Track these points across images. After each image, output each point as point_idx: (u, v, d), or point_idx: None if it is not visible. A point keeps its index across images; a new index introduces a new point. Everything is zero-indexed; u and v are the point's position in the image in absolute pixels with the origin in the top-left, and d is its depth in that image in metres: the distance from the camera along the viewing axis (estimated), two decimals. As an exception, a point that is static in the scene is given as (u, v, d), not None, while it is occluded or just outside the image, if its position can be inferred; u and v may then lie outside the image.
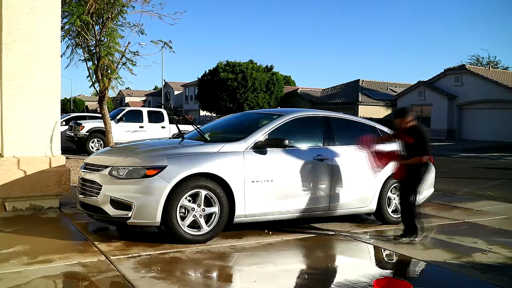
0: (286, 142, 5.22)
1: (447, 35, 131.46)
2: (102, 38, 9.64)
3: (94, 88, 10.13)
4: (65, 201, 6.60)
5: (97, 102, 11.61)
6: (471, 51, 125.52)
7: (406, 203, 5.35)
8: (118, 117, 16.17)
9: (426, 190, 6.64)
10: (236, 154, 5.06)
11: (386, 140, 5.79)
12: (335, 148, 5.77)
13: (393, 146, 5.64)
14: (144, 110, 17.26)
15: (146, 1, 10.21)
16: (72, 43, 10.16)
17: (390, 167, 5.80)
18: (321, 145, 5.77)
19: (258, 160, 5.15)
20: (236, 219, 5.04)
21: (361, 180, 5.88)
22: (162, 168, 4.66)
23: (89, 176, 5.01)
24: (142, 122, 16.68)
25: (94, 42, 9.74)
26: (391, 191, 6.16)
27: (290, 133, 5.56)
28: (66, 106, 71.31)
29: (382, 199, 6.05)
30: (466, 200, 8.38)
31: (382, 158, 5.52)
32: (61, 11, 6.92)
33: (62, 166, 6.44)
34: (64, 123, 17.43)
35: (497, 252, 4.96)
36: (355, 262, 4.63)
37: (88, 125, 15.66)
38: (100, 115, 12.45)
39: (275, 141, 5.25)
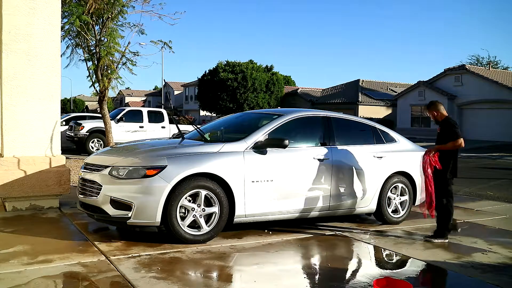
0: (286, 142, 5.21)
1: (447, 35, 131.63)
2: (102, 38, 9.64)
3: (94, 88, 10.13)
4: (65, 201, 6.60)
5: (97, 102, 11.62)
6: (471, 51, 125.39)
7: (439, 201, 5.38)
8: (118, 117, 16.16)
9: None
10: (236, 154, 5.06)
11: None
12: (335, 148, 5.76)
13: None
14: (144, 110, 17.24)
15: (146, 1, 10.22)
16: (72, 43, 10.16)
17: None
18: (321, 145, 5.77)
19: (258, 160, 5.15)
20: (236, 219, 5.04)
21: (361, 180, 5.88)
22: (162, 168, 4.66)
23: (89, 176, 5.01)
24: (142, 122, 16.67)
25: (94, 42, 9.74)
26: (391, 191, 6.17)
27: (290, 133, 5.56)
28: (66, 106, 71.35)
29: (382, 199, 6.05)
30: (466, 200, 8.38)
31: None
32: (61, 11, 6.92)
33: (62, 166, 6.44)
34: (64, 123, 17.42)
35: (497, 252, 4.96)
36: (355, 262, 4.63)
37: (88, 125, 15.65)
38: (100, 115, 12.45)
39: (275, 141, 5.24)
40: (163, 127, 16.92)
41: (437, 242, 5.31)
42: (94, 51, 9.80)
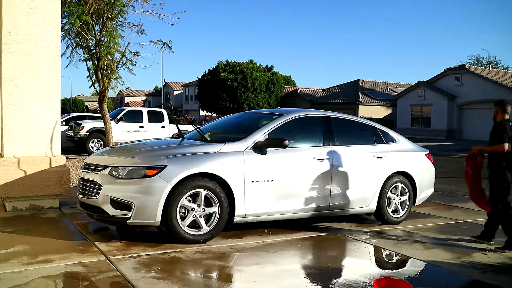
0: (286, 142, 5.21)
1: (447, 35, 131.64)
2: (102, 38, 9.64)
3: (94, 88, 10.14)
4: (65, 201, 6.60)
5: (97, 102, 11.63)
6: (471, 51, 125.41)
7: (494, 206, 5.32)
8: (118, 117, 16.16)
9: (426, 190, 6.66)
10: (236, 154, 5.06)
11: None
12: (335, 148, 5.77)
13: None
14: (144, 110, 17.24)
15: (146, 1, 10.24)
16: (72, 43, 10.18)
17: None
18: (321, 145, 5.77)
19: (258, 160, 5.15)
20: (236, 219, 5.04)
21: (361, 180, 5.89)
22: (162, 168, 4.66)
23: (89, 176, 5.01)
24: (142, 122, 16.67)
25: (94, 42, 9.75)
26: (391, 191, 6.17)
27: (290, 133, 5.56)
28: (66, 106, 71.37)
29: (382, 199, 6.05)
30: (466, 200, 8.34)
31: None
32: (61, 11, 6.92)
33: (62, 166, 6.44)
34: (64, 123, 17.43)
35: (497, 252, 4.96)
36: (355, 262, 4.63)
37: (88, 125, 15.66)
38: (100, 115, 12.45)
39: (275, 141, 5.24)
40: (163, 127, 16.92)
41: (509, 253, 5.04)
42: (94, 51, 9.81)
